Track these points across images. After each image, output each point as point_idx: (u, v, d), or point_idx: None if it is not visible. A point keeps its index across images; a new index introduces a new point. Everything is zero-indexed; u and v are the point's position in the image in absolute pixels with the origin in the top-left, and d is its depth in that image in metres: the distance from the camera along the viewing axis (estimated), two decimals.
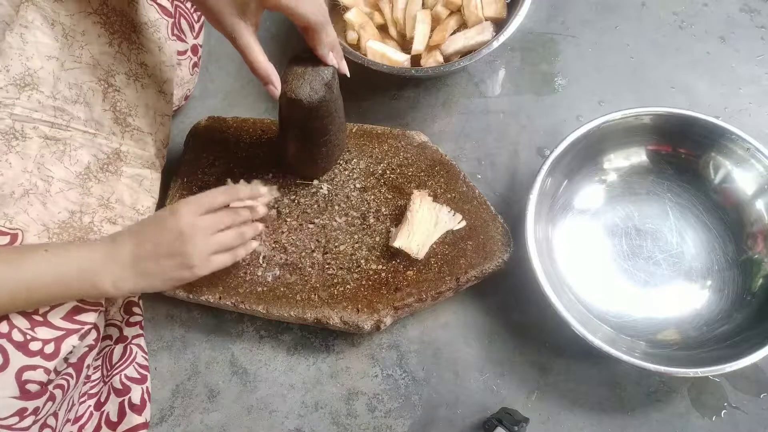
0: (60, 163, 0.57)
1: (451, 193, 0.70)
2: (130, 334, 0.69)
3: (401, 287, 0.65)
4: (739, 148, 0.66)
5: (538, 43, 0.84)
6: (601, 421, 0.65)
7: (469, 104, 0.81)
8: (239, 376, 0.69)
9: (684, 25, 0.83)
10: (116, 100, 0.63)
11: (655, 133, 0.69)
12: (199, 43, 0.82)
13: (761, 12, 0.83)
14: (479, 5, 0.74)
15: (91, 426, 0.63)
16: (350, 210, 0.69)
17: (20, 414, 0.49)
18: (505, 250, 0.66)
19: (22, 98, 0.53)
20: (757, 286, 0.65)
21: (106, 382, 0.65)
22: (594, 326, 0.63)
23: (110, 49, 0.61)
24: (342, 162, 0.72)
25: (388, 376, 0.68)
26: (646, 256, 0.69)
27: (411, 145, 0.72)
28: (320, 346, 0.70)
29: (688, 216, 0.70)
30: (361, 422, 0.66)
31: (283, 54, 0.87)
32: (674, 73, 0.80)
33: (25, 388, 0.50)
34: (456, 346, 0.69)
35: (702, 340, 0.63)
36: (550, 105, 0.80)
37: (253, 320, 0.72)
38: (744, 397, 0.65)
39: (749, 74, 0.80)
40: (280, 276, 0.67)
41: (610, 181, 0.72)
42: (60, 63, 0.57)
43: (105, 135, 0.62)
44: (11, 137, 0.53)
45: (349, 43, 0.77)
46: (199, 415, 0.68)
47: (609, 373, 0.66)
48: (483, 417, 0.65)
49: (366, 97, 0.82)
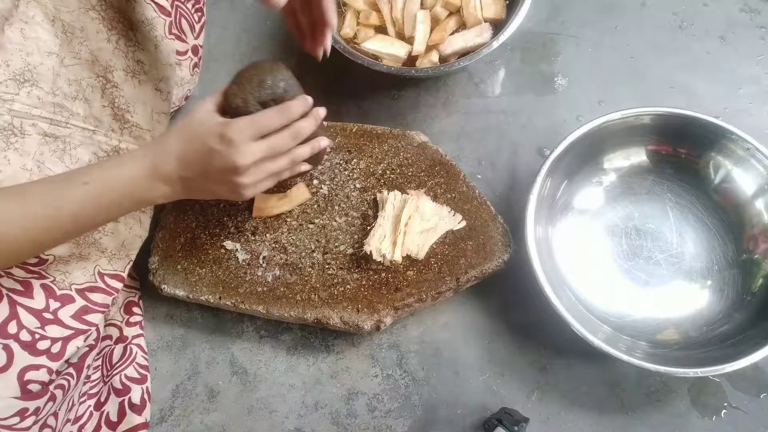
0: (61, 162, 0.57)
1: (451, 193, 0.70)
2: (130, 334, 0.69)
3: (401, 287, 0.65)
4: (739, 148, 0.66)
5: (537, 43, 0.84)
6: (601, 421, 0.65)
7: (469, 104, 0.81)
8: (239, 376, 0.69)
9: (684, 25, 0.83)
10: (114, 96, 0.63)
11: (655, 133, 0.69)
12: (200, 43, 0.82)
13: (761, 12, 0.83)
14: (478, 6, 0.74)
15: (91, 426, 0.63)
16: (350, 210, 0.69)
17: (21, 414, 0.50)
18: (505, 251, 0.66)
19: (21, 94, 0.53)
20: (757, 286, 0.65)
21: (106, 382, 0.65)
22: (594, 326, 0.63)
23: (108, 45, 0.61)
24: (342, 162, 0.72)
25: (388, 376, 0.68)
26: (646, 256, 0.69)
27: (411, 145, 0.72)
28: (320, 346, 0.70)
29: (688, 216, 0.70)
30: (361, 422, 0.66)
31: (283, 54, 0.87)
32: (674, 73, 0.80)
33: (27, 389, 0.50)
34: (456, 346, 0.69)
35: (702, 340, 0.63)
36: (550, 105, 0.80)
37: (253, 320, 0.72)
38: (744, 397, 0.65)
39: (749, 74, 0.80)
40: (280, 276, 0.67)
41: (610, 181, 0.72)
42: (60, 59, 0.57)
43: (104, 132, 0.62)
44: (10, 133, 0.53)
45: (343, 37, 0.77)
46: (199, 415, 0.68)
47: (609, 373, 0.66)
48: (483, 417, 0.65)
49: (366, 97, 0.82)
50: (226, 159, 0.51)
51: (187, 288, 0.67)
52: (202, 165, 0.52)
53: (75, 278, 0.58)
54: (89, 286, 0.59)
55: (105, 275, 0.61)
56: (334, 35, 0.73)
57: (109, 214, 0.52)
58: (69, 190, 0.49)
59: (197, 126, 0.52)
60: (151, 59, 0.67)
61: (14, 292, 0.52)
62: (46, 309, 0.53)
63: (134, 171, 0.51)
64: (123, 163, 0.52)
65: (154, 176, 0.52)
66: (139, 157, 0.52)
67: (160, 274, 0.69)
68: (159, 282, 0.68)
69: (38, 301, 0.53)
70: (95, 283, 0.60)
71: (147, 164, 0.51)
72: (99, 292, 0.60)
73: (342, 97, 0.83)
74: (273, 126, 0.52)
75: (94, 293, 0.60)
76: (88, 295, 0.59)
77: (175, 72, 0.72)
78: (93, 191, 0.49)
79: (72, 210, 0.48)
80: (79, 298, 0.58)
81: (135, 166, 0.51)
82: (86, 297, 0.59)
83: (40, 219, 0.47)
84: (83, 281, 0.59)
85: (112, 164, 0.52)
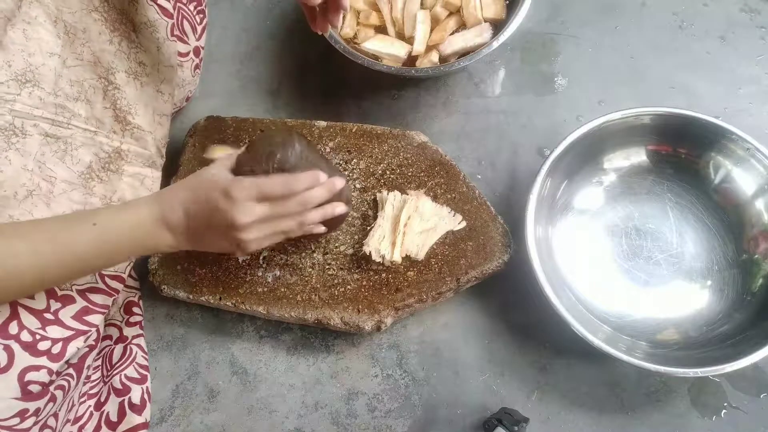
0: (62, 163, 0.57)
1: (451, 193, 0.70)
2: (130, 334, 0.69)
3: (402, 288, 0.65)
4: (739, 148, 0.66)
5: (537, 43, 0.84)
6: (601, 421, 0.65)
7: (469, 104, 0.81)
8: (239, 376, 0.69)
9: (684, 25, 0.83)
10: (116, 98, 0.63)
11: (655, 133, 0.69)
12: (201, 45, 0.82)
13: (761, 12, 0.83)
14: (478, 6, 0.74)
15: (91, 426, 0.63)
16: (350, 210, 0.69)
17: (21, 415, 0.50)
18: (505, 251, 0.66)
19: (23, 94, 0.53)
20: (757, 286, 0.65)
21: (106, 382, 0.65)
22: (594, 326, 0.63)
23: (110, 46, 0.61)
24: (342, 162, 0.72)
25: (388, 376, 0.68)
26: (646, 256, 0.69)
27: (411, 145, 0.72)
28: (320, 346, 0.70)
29: (688, 216, 0.70)
30: (361, 422, 0.66)
31: (283, 53, 0.87)
32: (674, 73, 0.80)
33: (27, 389, 0.50)
34: (456, 346, 0.69)
35: (702, 340, 0.63)
36: (550, 105, 0.80)
37: (253, 320, 0.72)
38: (744, 397, 0.65)
39: (749, 74, 0.80)
40: (281, 276, 0.67)
41: (610, 181, 0.72)
42: (62, 60, 0.57)
43: (106, 133, 0.62)
44: (11, 134, 0.53)
45: (343, 37, 0.77)
46: (199, 415, 0.68)
47: (609, 373, 0.66)
48: (483, 417, 0.65)
49: (366, 97, 0.82)
50: (225, 215, 0.51)
51: (188, 288, 0.67)
52: (206, 218, 0.52)
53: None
54: (90, 287, 0.60)
55: (105, 276, 0.61)
56: (334, 36, 0.74)
57: (111, 258, 0.53)
58: (78, 229, 0.49)
59: (206, 180, 0.53)
60: (153, 61, 0.67)
61: None
62: (47, 310, 0.53)
63: (142, 216, 0.52)
64: (131, 208, 0.53)
65: (161, 223, 0.52)
66: (149, 203, 0.53)
67: (160, 274, 0.69)
68: (159, 283, 0.68)
69: (39, 302, 0.53)
70: (96, 284, 0.60)
71: (155, 211, 0.52)
72: (99, 292, 0.60)
73: (342, 97, 0.83)
74: (275, 193, 0.52)
75: (94, 294, 0.60)
76: (89, 296, 0.59)
77: (176, 73, 0.72)
78: (101, 232, 0.50)
79: (78, 250, 0.49)
80: (79, 299, 0.58)
81: (144, 211, 0.52)
82: (87, 298, 0.59)
83: (48, 257, 0.48)
84: (84, 282, 0.59)
85: (121, 208, 0.53)
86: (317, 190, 0.54)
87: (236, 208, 0.51)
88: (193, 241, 0.54)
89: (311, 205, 0.55)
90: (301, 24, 0.86)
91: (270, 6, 0.91)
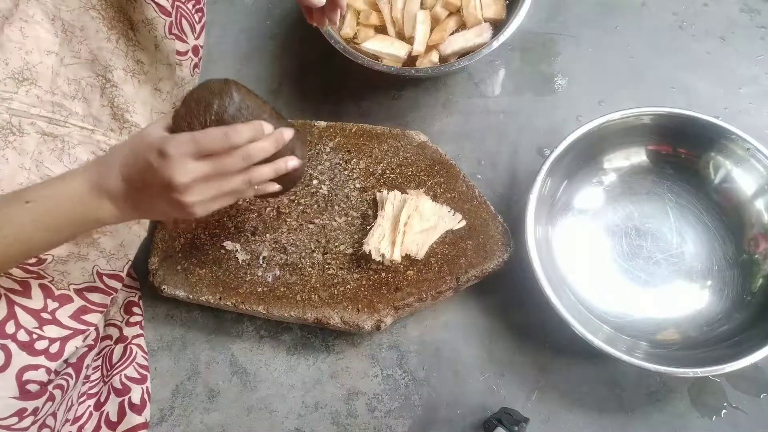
0: (60, 162, 0.57)
1: (451, 192, 0.70)
2: (130, 334, 0.69)
3: (401, 287, 0.65)
4: (739, 148, 0.66)
5: (537, 43, 0.84)
6: (601, 421, 0.65)
7: (469, 104, 0.81)
8: (239, 376, 0.69)
9: (684, 25, 0.83)
10: (114, 96, 0.62)
11: (655, 133, 0.69)
12: (200, 44, 0.82)
13: (761, 12, 0.83)
14: (478, 6, 0.74)
15: (90, 426, 0.63)
16: (350, 210, 0.69)
17: (19, 414, 0.49)
18: (505, 250, 0.66)
19: (20, 93, 0.53)
20: (757, 286, 0.65)
21: (106, 382, 0.65)
22: (594, 326, 0.63)
23: (108, 44, 0.61)
24: (342, 162, 0.72)
25: (388, 376, 0.68)
26: (646, 256, 0.68)
27: (411, 145, 0.72)
28: (320, 346, 0.70)
29: (688, 216, 0.70)
30: (361, 422, 0.66)
31: (283, 53, 0.87)
32: (674, 73, 0.80)
33: (25, 389, 0.50)
34: (456, 346, 0.69)
35: (702, 340, 0.63)
36: (550, 105, 0.80)
37: (253, 320, 0.71)
38: (744, 397, 0.65)
39: (749, 74, 0.80)
40: (280, 276, 0.67)
41: (610, 181, 0.72)
42: (59, 58, 0.57)
43: (103, 131, 0.62)
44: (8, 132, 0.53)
45: (343, 37, 0.77)
46: (199, 415, 0.68)
47: (609, 373, 0.66)
48: (483, 417, 0.65)
49: (366, 97, 0.82)
50: (161, 175, 0.46)
51: (187, 289, 0.67)
52: (142, 181, 0.48)
53: (73, 278, 0.58)
54: (87, 286, 0.59)
55: (103, 275, 0.61)
56: (334, 36, 0.74)
57: (58, 235, 0.49)
58: (11, 209, 0.46)
59: (141, 141, 0.48)
60: (151, 59, 0.67)
61: (12, 292, 0.52)
62: (44, 309, 0.53)
63: (78, 186, 0.48)
64: (66, 180, 0.48)
65: (99, 192, 0.48)
66: (83, 173, 0.49)
67: (160, 274, 0.69)
68: (159, 283, 0.68)
69: (36, 301, 0.53)
70: (93, 283, 0.60)
71: (91, 178, 0.48)
72: (97, 292, 0.60)
73: (342, 97, 0.83)
74: (215, 146, 0.47)
75: (92, 293, 0.60)
76: (87, 295, 0.59)
77: (174, 72, 0.72)
78: (37, 210, 0.46)
79: (14, 232, 0.45)
80: (77, 298, 0.58)
81: (78, 181, 0.48)
82: (84, 297, 0.59)
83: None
84: (81, 281, 0.59)
85: (55, 181, 0.49)
86: (262, 142, 0.49)
87: (173, 167, 0.46)
88: (136, 208, 0.50)
89: (256, 159, 0.49)
90: (301, 24, 0.86)
91: (270, 6, 0.91)
